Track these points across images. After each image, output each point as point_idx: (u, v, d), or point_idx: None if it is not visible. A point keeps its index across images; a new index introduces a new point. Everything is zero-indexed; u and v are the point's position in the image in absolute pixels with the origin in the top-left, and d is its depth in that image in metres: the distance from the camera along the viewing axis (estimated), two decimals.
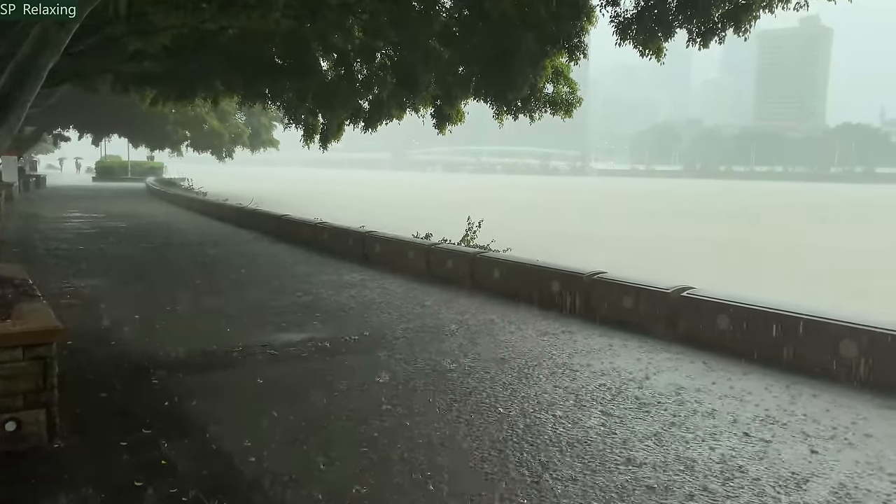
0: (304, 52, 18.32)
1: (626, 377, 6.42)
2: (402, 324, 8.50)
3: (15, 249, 14.41)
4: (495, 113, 16.39)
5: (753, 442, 4.88)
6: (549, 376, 6.41)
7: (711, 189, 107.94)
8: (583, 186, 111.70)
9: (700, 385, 6.21)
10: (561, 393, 5.93)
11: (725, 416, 5.40)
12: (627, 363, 6.90)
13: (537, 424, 5.17)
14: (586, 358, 7.08)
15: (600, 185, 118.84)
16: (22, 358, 4.45)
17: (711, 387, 6.16)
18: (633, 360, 7.05)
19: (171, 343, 7.26)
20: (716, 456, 4.62)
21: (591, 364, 6.85)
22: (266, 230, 19.44)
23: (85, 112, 42.74)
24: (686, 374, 6.55)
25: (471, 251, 12.35)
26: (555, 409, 5.50)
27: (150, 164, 72.90)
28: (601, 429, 5.09)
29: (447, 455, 4.62)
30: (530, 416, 5.34)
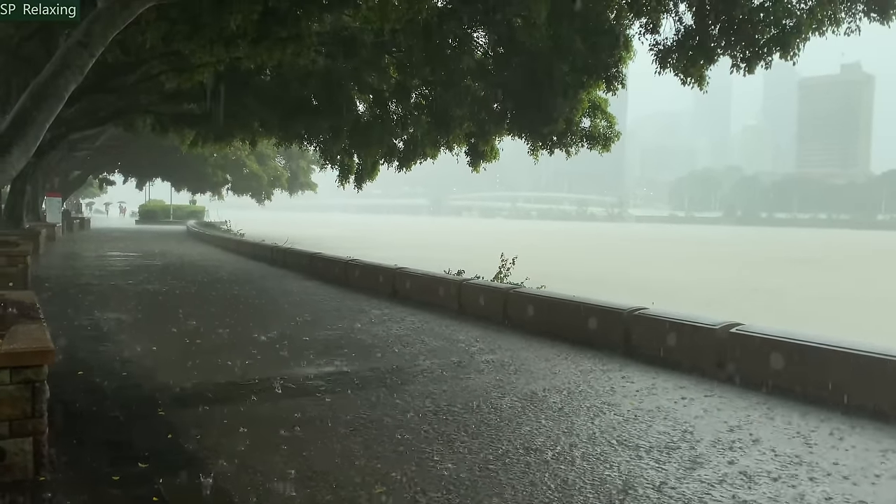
0: (339, 91, 18.38)
1: (675, 421, 5.80)
2: (432, 359, 8.00)
3: (47, 284, 14.37)
4: (530, 148, 16.07)
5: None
6: (589, 418, 5.83)
7: (763, 236, 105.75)
8: (631, 232, 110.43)
9: (762, 434, 5.56)
10: (604, 438, 5.34)
11: (793, 465, 4.76)
12: (673, 404, 6.28)
13: (581, 477, 4.60)
14: (629, 398, 6.48)
15: (645, 231, 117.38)
16: (8, 381, 4.09)
17: (773, 435, 5.51)
18: (680, 400, 6.42)
19: (185, 375, 6.88)
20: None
21: (634, 405, 6.25)
22: (298, 268, 19.24)
23: (129, 156, 43.95)
24: (740, 418, 5.90)
25: (504, 287, 11.86)
26: (600, 458, 4.92)
27: (191, 207, 74.35)
28: (657, 484, 4.50)
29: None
30: (572, 466, 4.77)
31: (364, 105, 21.54)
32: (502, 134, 16.99)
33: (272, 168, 49.72)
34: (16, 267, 12.68)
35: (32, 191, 29.18)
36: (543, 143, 15.59)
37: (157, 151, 38.86)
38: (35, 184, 29.68)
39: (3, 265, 12.52)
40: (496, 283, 13.41)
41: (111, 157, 45.53)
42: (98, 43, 7.24)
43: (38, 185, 32.28)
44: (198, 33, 12.48)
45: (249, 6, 11.61)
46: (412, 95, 19.17)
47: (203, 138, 24.09)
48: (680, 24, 11.06)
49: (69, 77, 6.84)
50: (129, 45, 13.96)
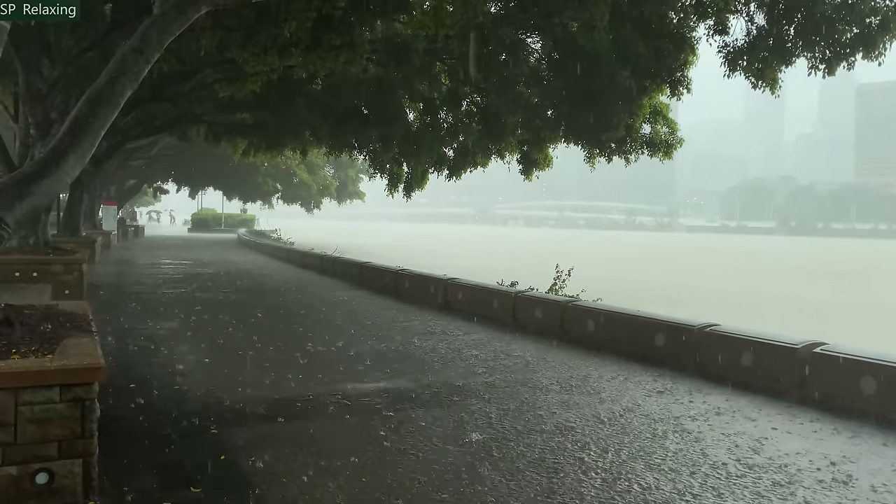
0: (389, 100, 18.19)
1: (767, 452, 5.30)
2: (487, 376, 7.63)
3: (101, 292, 14.50)
4: (587, 156, 15.59)
5: None
6: (664, 444, 5.37)
7: (822, 246, 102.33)
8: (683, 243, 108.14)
9: (871, 466, 5.03)
10: (686, 468, 4.89)
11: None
12: (756, 430, 5.77)
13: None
14: (706, 423, 5.99)
15: (698, 241, 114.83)
16: (58, 399, 3.87)
17: (879, 468, 4.98)
18: (771, 431, 5.90)
19: (237, 390, 6.66)
20: None
21: (712, 431, 5.76)
22: (348, 277, 19.09)
23: (183, 165, 44.80)
24: (845, 452, 5.37)
25: (561, 300, 11.40)
26: (684, 493, 4.47)
27: (242, 216, 75.57)
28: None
29: None
30: (654, 497, 4.34)
31: (414, 113, 21.36)
32: (557, 141, 16.54)
33: (321, 177, 50.09)
34: (72, 275, 12.78)
35: (89, 199, 29.84)
36: (601, 150, 15.10)
37: (209, 161, 39.47)
38: (92, 192, 30.36)
39: (60, 273, 12.62)
40: (553, 295, 12.96)
41: (165, 167, 46.47)
42: (154, 49, 7.12)
43: (95, 193, 33.01)
44: (252, 41, 12.43)
45: (303, 13, 11.49)
46: (463, 103, 18.87)
47: (255, 147, 24.25)
48: (751, 24, 10.50)
49: (125, 83, 6.71)
50: (184, 53, 14.02)
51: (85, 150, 6.16)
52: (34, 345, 4.37)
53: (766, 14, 10.24)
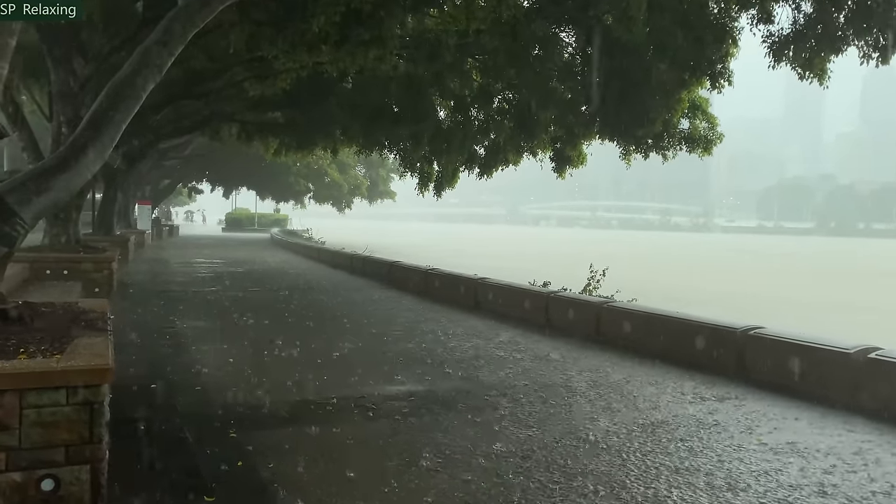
0: (420, 97, 17.93)
1: (831, 466, 4.90)
2: (522, 379, 7.31)
3: (131, 290, 14.50)
4: (622, 153, 15.14)
5: None
6: (708, 457, 5.00)
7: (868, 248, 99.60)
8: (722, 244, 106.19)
9: None
10: (748, 486, 4.52)
11: None
12: (813, 440, 5.36)
13: None
14: (753, 433, 5.59)
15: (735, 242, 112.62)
16: (65, 402, 3.67)
17: None
18: (817, 438, 5.49)
19: (259, 392, 6.45)
20: None
21: (762, 443, 5.37)
22: (378, 277, 18.89)
23: (217, 165, 45.18)
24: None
25: (596, 301, 11.02)
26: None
27: (275, 215, 76.12)
28: None
29: None
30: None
31: (445, 111, 21.09)
32: (591, 137, 16.11)
33: (352, 177, 50.13)
34: (101, 273, 12.79)
35: (124, 198, 30.18)
36: (637, 146, 14.64)
37: (242, 160, 39.68)
38: (126, 191, 30.71)
39: (90, 271, 12.64)
40: (587, 296, 12.57)
41: (199, 166, 46.91)
42: (178, 41, 6.95)
43: (130, 192, 33.40)
44: (280, 36, 12.27)
45: (332, 7, 11.29)
46: (495, 100, 18.53)
47: (286, 147, 24.21)
48: (797, 12, 10.00)
49: (148, 76, 6.54)
50: (213, 51, 13.98)
51: (105, 144, 5.99)
52: (44, 344, 4.19)
53: (813, 1, 9.73)
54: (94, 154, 5.82)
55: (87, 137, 5.86)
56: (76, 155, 5.72)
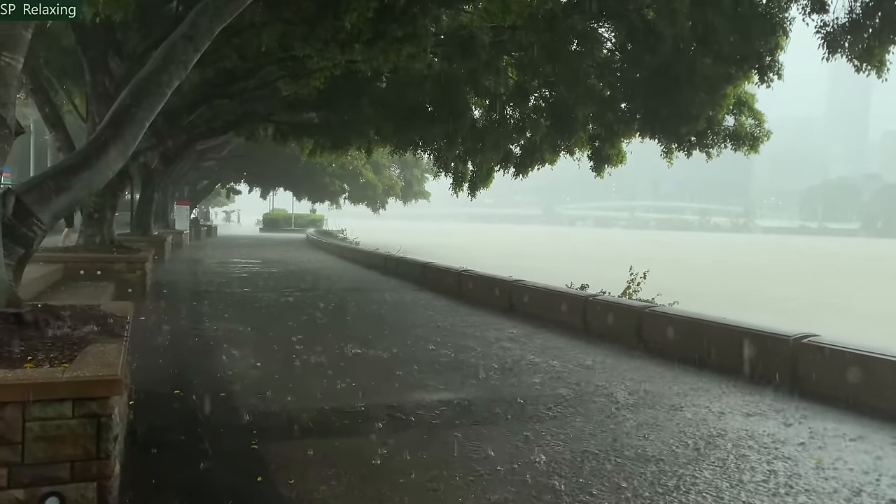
0: (454, 96, 17.62)
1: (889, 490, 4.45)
2: (559, 388, 6.94)
3: (165, 291, 14.48)
4: (664, 151, 14.62)
5: None
6: (763, 479, 4.57)
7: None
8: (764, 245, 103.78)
9: None
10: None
11: None
12: (870, 461, 4.90)
13: None
14: (809, 451, 5.14)
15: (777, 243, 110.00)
16: (70, 415, 3.44)
17: None
18: (880, 458, 5.02)
19: (286, 399, 6.20)
20: None
21: (820, 463, 4.92)
22: (411, 278, 18.64)
23: (254, 166, 45.50)
24: None
25: (637, 305, 10.57)
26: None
27: (311, 216, 76.59)
28: None
29: None
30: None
31: (480, 110, 20.77)
32: (631, 135, 15.63)
33: (387, 177, 50.13)
34: (134, 273, 12.76)
35: (161, 199, 30.49)
36: (680, 144, 14.11)
37: (279, 161, 39.88)
38: (164, 192, 31.03)
39: (123, 271, 12.62)
40: (627, 299, 12.11)
41: (237, 167, 47.35)
42: (204, 37, 6.76)
43: (168, 193, 33.78)
44: (312, 34, 12.09)
45: (364, 3, 11.04)
46: (531, 98, 18.14)
47: (321, 147, 24.15)
48: (854, 1, 9.43)
49: (173, 72, 6.35)
50: (246, 50, 13.86)
51: (128, 142, 5.81)
52: (54, 351, 3.98)
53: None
54: (115, 152, 5.64)
55: (108, 135, 5.68)
56: (97, 153, 5.54)
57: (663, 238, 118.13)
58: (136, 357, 7.32)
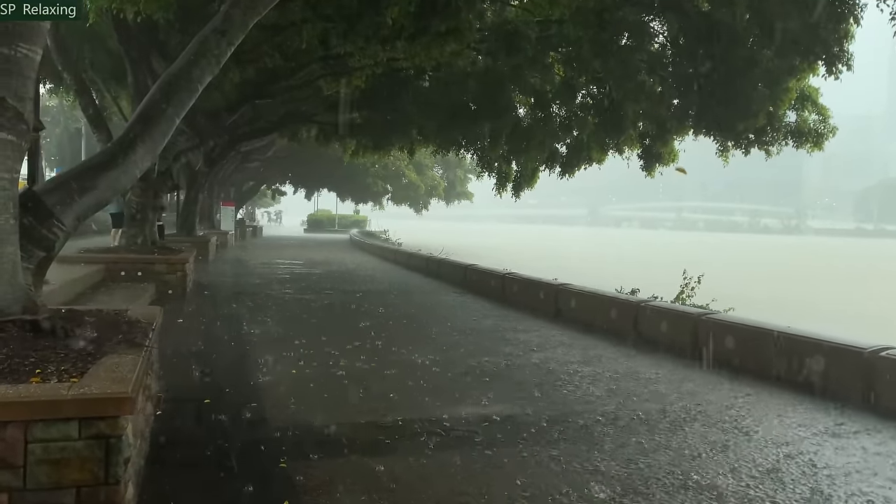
0: (498, 93, 17.17)
1: None
2: (613, 403, 6.44)
3: (206, 292, 14.38)
4: (719, 148, 13.92)
5: None
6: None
7: None
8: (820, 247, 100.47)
9: None
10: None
11: None
12: None
13: None
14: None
15: (837, 246, 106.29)
16: (77, 436, 3.13)
17: None
18: None
19: (318, 410, 5.87)
20: None
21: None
22: (453, 280, 18.25)
23: (298, 167, 45.80)
24: None
25: (692, 311, 9.96)
26: None
27: (355, 217, 76.92)
28: None
29: None
30: None
31: (525, 108, 20.27)
32: (684, 133, 14.94)
33: (429, 177, 49.87)
34: (175, 274, 12.67)
35: (207, 200, 30.77)
36: (737, 141, 13.40)
37: (322, 162, 39.98)
38: (210, 193, 31.31)
39: (163, 272, 12.54)
40: (682, 305, 11.48)
41: (282, 168, 47.71)
42: (238, 30, 6.47)
43: (214, 194, 34.10)
44: (353, 31, 11.80)
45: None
46: (578, 95, 17.57)
47: (363, 147, 23.99)
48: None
49: (204, 67, 6.08)
50: (287, 49, 13.67)
51: (156, 139, 5.54)
52: (67, 363, 3.69)
53: None
54: (143, 150, 5.37)
55: (136, 132, 5.43)
56: (124, 151, 5.28)
57: (712, 240, 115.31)
58: (168, 362, 7.10)
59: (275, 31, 12.82)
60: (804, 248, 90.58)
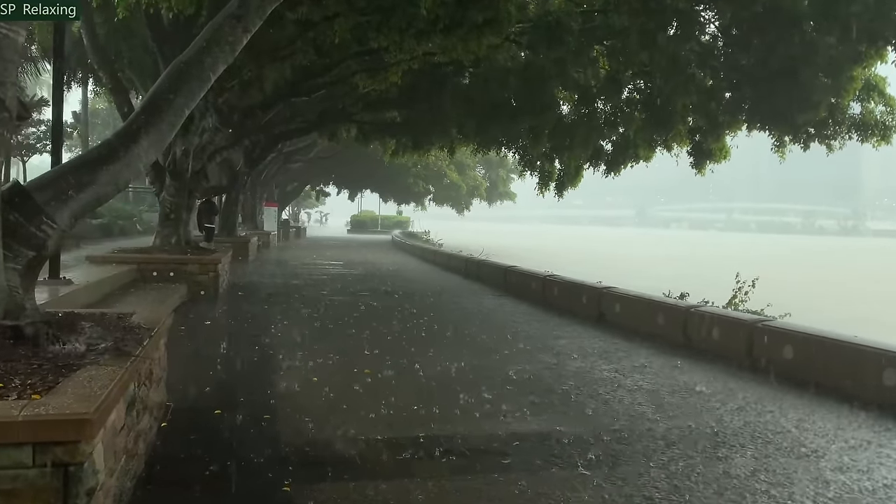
0: (539, 88, 16.54)
1: None
2: (663, 421, 5.83)
3: (240, 293, 14.15)
4: (775, 143, 13.06)
5: None
6: None
7: None
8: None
9: None
10: None
11: None
12: None
13: None
14: None
15: None
16: (30, 463, 2.71)
17: None
18: None
19: (335, 425, 5.40)
20: None
21: None
22: (492, 282, 17.70)
23: (341, 168, 45.76)
24: None
25: (747, 318, 9.21)
26: None
27: (397, 217, 76.88)
28: None
29: None
30: None
31: (568, 104, 19.59)
32: (737, 127, 14.09)
33: (471, 178, 49.30)
34: (207, 275, 12.45)
35: (250, 200, 30.84)
36: (795, 135, 12.52)
37: (365, 163, 39.82)
38: (253, 194, 31.38)
39: (195, 273, 12.33)
40: (735, 312, 10.70)
41: (325, 169, 47.74)
42: (255, 16, 6.07)
43: (257, 195, 34.19)
44: (387, 24, 11.36)
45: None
46: (624, 89, 16.82)
47: (403, 147, 23.63)
48: None
49: (217, 55, 5.69)
50: (321, 44, 13.34)
51: (163, 131, 5.16)
52: (37, 375, 3.30)
53: None
54: (147, 142, 4.99)
55: (140, 123, 5.05)
56: (126, 143, 4.90)
57: (765, 241, 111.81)
58: (186, 367, 6.76)
59: (308, 26, 12.49)
60: (866, 250, 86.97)
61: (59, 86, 9.94)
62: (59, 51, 9.44)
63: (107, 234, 25.36)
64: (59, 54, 9.51)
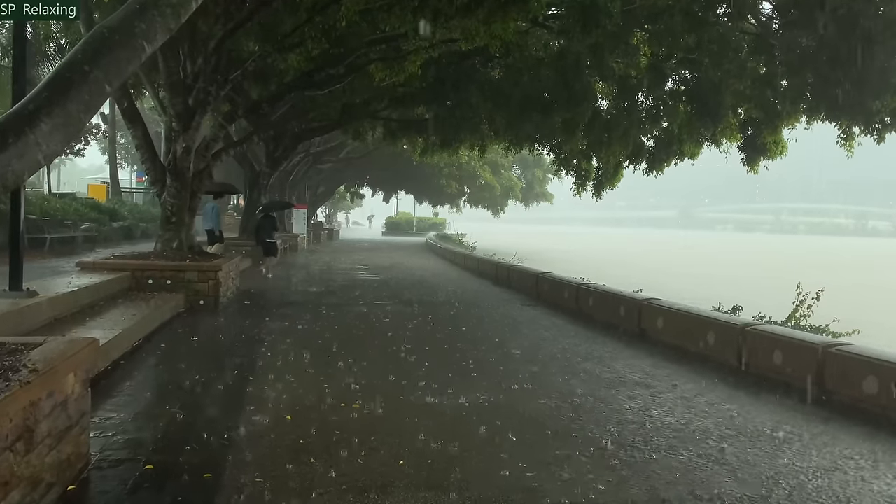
0: (574, 77, 15.15)
1: None
2: (724, 475, 4.50)
3: (246, 301, 13.13)
4: (842, 135, 11.50)
5: None
6: None
7: None
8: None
9: None
10: None
11: None
12: None
13: None
14: None
15: None
16: None
17: None
18: None
19: (329, 473, 4.21)
20: None
21: None
22: (523, 289, 16.41)
23: (374, 169, 44.90)
24: None
25: (816, 340, 7.73)
26: None
27: (433, 219, 75.94)
28: None
29: None
30: None
31: (606, 99, 18.18)
32: (796, 118, 12.55)
33: (506, 178, 47.87)
34: (206, 283, 11.45)
35: None
36: (867, 125, 10.96)
37: (397, 163, 38.82)
38: (281, 195, 30.54)
39: (194, 280, 11.36)
40: (800, 332, 9.18)
41: (358, 171, 46.90)
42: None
43: (285, 196, 33.38)
44: (398, 3, 10.18)
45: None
46: (667, 80, 15.35)
47: (431, 145, 22.49)
48: None
49: (155, 20, 4.52)
50: (330, 33, 12.22)
51: (72, 113, 4.00)
52: None
53: None
54: (49, 126, 3.85)
55: (41, 101, 3.92)
56: (19, 126, 3.77)
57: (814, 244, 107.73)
58: (138, 402, 5.68)
59: (315, 11, 11.39)
60: None
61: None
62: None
63: (128, 236, 24.82)
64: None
